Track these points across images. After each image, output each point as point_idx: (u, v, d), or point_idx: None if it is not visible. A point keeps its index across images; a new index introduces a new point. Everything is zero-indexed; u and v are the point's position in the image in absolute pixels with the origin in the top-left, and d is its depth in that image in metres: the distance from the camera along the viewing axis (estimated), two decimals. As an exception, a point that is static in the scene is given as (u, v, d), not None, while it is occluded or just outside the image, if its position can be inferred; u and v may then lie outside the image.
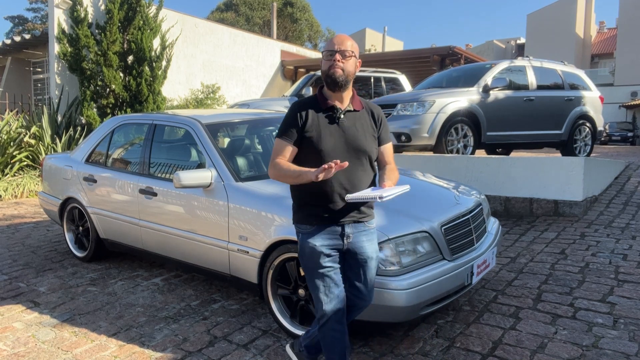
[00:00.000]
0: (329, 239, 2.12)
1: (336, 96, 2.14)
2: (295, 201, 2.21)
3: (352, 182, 2.10)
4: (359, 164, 2.13)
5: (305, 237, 2.14)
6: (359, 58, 2.17)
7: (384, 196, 1.91)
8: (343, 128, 2.12)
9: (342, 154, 2.09)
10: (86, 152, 4.56)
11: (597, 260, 4.01)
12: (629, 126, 27.64)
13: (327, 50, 2.10)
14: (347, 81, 2.10)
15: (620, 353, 2.61)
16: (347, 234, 2.13)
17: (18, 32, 29.12)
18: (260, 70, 15.84)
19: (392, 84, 10.35)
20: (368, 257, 2.18)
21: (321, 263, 2.10)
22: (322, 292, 2.12)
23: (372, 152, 2.18)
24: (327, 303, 2.12)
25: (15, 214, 6.83)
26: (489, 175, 5.66)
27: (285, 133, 2.12)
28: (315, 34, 35.43)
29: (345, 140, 2.11)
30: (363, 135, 2.15)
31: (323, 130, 2.10)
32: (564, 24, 37.27)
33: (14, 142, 8.96)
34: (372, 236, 2.23)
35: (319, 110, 2.13)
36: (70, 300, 3.66)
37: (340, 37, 2.12)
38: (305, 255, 2.14)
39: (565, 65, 7.95)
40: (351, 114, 2.16)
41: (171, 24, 11.81)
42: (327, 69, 2.09)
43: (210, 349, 2.83)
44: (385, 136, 2.26)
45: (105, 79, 10.15)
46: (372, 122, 2.21)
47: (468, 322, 3.04)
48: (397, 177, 2.21)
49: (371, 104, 2.29)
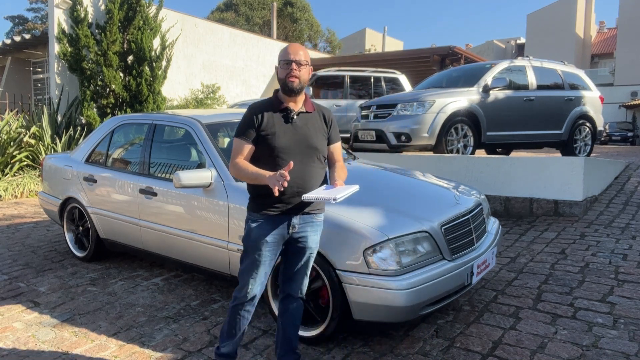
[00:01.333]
0: (275, 229, 2.29)
1: (290, 99, 2.32)
2: (251, 192, 2.36)
3: (304, 177, 2.28)
4: (310, 161, 2.31)
5: (254, 224, 2.30)
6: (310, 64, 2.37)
7: (337, 197, 2.05)
8: (296, 127, 2.30)
9: (295, 151, 2.27)
10: (86, 152, 4.56)
11: (597, 260, 4.01)
12: (629, 126, 27.61)
13: (283, 60, 2.28)
14: (302, 88, 2.31)
15: (620, 353, 2.61)
16: (294, 224, 2.30)
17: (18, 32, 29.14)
18: (260, 70, 15.84)
19: (392, 84, 10.35)
20: (308, 247, 2.35)
21: (262, 251, 2.28)
22: (252, 276, 2.31)
23: (323, 150, 2.38)
24: (252, 286, 2.32)
25: (15, 214, 6.83)
26: (489, 175, 5.66)
27: (243, 133, 2.29)
28: (315, 34, 35.41)
29: (298, 138, 2.29)
30: (315, 134, 2.34)
31: (278, 129, 2.27)
32: (564, 24, 37.27)
33: (14, 142, 8.96)
34: (318, 228, 2.39)
35: (274, 111, 2.31)
36: (70, 300, 3.66)
37: (294, 46, 2.31)
38: (250, 241, 2.31)
39: (565, 65, 7.95)
40: (304, 115, 2.35)
41: (171, 24, 11.81)
42: (285, 77, 2.27)
43: (210, 349, 2.83)
44: (335, 136, 2.45)
45: (105, 79, 10.14)
46: (323, 123, 2.40)
47: (468, 322, 3.04)
48: (345, 174, 2.41)
49: (322, 106, 2.47)
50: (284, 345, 2.43)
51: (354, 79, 10.07)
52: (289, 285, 2.40)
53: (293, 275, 2.38)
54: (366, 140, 6.92)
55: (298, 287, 2.40)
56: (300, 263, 2.36)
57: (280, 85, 2.32)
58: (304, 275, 2.40)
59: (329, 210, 2.79)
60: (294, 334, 2.44)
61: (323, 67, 12.77)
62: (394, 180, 3.66)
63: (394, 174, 3.77)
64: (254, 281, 2.32)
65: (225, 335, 2.44)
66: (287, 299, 2.42)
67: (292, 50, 2.27)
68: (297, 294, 2.41)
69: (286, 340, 2.42)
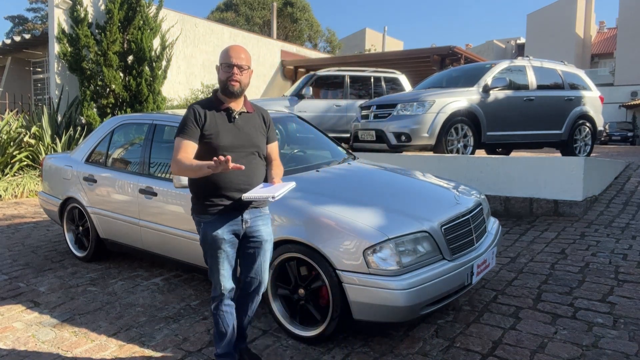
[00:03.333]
0: (229, 226, 2.35)
1: (231, 100, 2.39)
2: (195, 194, 2.41)
3: (249, 174, 2.36)
4: (252, 158, 2.40)
5: (206, 226, 2.36)
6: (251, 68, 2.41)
7: (275, 195, 2.14)
8: (238, 127, 2.38)
9: (239, 149, 2.35)
10: (86, 152, 4.56)
11: (597, 260, 4.01)
12: (629, 126, 27.61)
13: (225, 63, 2.32)
14: (242, 91, 2.38)
15: (620, 353, 2.61)
16: (246, 220, 2.38)
17: (18, 32, 29.11)
18: (260, 70, 15.84)
19: (392, 84, 10.34)
20: (264, 239, 2.43)
21: (222, 248, 2.35)
22: (221, 274, 2.39)
23: (264, 148, 2.48)
24: (225, 282, 2.39)
25: (15, 214, 6.83)
26: (489, 175, 5.66)
27: (185, 132, 2.31)
28: (315, 34, 35.40)
29: (241, 137, 2.37)
30: (256, 133, 2.43)
31: (221, 128, 2.34)
32: (564, 24, 37.28)
33: (14, 142, 8.95)
34: (267, 220, 2.49)
35: (216, 111, 2.37)
36: (70, 300, 3.66)
37: (236, 50, 2.35)
38: (207, 242, 2.37)
39: (565, 65, 7.95)
40: (245, 115, 2.43)
41: (171, 24, 11.81)
42: (226, 80, 2.33)
43: (210, 349, 2.83)
44: (272, 136, 2.56)
45: (105, 79, 10.14)
46: (262, 123, 2.49)
47: (468, 322, 3.04)
48: (282, 172, 2.52)
49: (261, 108, 2.57)
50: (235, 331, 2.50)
51: (354, 79, 10.06)
52: (250, 281, 2.46)
53: (255, 270, 2.44)
54: (366, 140, 6.92)
55: (260, 282, 2.47)
56: (259, 257, 2.43)
57: (221, 87, 2.38)
58: (266, 268, 2.48)
59: (329, 210, 2.79)
60: (248, 323, 2.59)
61: (323, 67, 12.78)
62: (394, 180, 3.66)
63: (394, 174, 3.77)
64: (224, 278, 2.39)
65: (218, 337, 2.49)
66: (249, 294, 2.50)
67: (234, 54, 2.32)
68: (260, 289, 2.49)
69: (239, 328, 2.52)
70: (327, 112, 9.54)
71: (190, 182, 2.43)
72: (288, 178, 3.35)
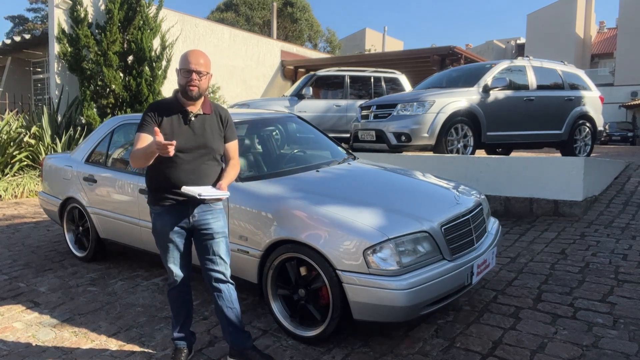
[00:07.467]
0: (176, 218, 2.49)
1: (189, 103, 2.47)
2: (149, 187, 2.57)
3: (197, 174, 2.46)
4: (205, 160, 2.49)
5: (156, 217, 2.54)
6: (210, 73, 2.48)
7: (202, 195, 2.27)
8: (193, 128, 2.47)
9: (192, 151, 2.44)
10: (86, 152, 4.56)
11: (597, 260, 4.01)
12: (629, 126, 27.60)
13: (184, 69, 2.40)
14: (201, 95, 2.46)
15: (620, 353, 2.61)
16: (193, 214, 2.50)
17: (18, 32, 29.13)
18: (260, 70, 15.83)
19: (392, 84, 10.34)
20: (214, 232, 2.52)
21: (170, 237, 2.51)
22: (171, 262, 2.56)
23: (219, 150, 2.55)
24: (176, 269, 2.57)
25: (15, 214, 6.83)
26: (489, 175, 5.66)
27: (144, 129, 2.42)
28: (315, 34, 35.38)
29: (195, 139, 2.46)
30: (211, 134, 2.50)
31: (175, 129, 2.43)
32: (564, 24, 37.28)
33: (14, 142, 8.95)
34: (218, 215, 2.56)
35: (173, 112, 2.46)
36: (70, 300, 3.66)
37: (195, 55, 2.42)
38: (157, 231, 2.55)
39: (565, 65, 7.95)
40: (201, 116, 2.50)
41: (171, 24, 11.80)
42: (185, 84, 2.41)
43: (210, 349, 2.83)
44: (230, 135, 2.62)
45: (105, 79, 10.14)
46: (219, 123, 2.56)
47: (468, 322, 3.04)
48: (235, 173, 2.60)
49: (220, 107, 2.63)
50: (229, 328, 2.56)
51: (354, 79, 10.06)
52: (211, 271, 2.54)
53: (212, 260, 2.52)
54: (366, 140, 6.92)
55: (221, 271, 2.54)
56: (212, 247, 2.51)
57: (180, 91, 2.46)
58: (223, 259, 2.54)
59: (329, 210, 2.79)
60: (236, 315, 2.58)
61: (323, 67, 12.77)
62: (394, 180, 3.66)
63: (394, 174, 3.77)
64: (175, 266, 2.57)
65: (174, 320, 2.68)
66: (216, 285, 2.55)
67: (193, 60, 2.39)
68: (223, 277, 2.55)
69: (230, 323, 2.56)
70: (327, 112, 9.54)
71: (146, 175, 2.58)
72: (288, 178, 3.36)
